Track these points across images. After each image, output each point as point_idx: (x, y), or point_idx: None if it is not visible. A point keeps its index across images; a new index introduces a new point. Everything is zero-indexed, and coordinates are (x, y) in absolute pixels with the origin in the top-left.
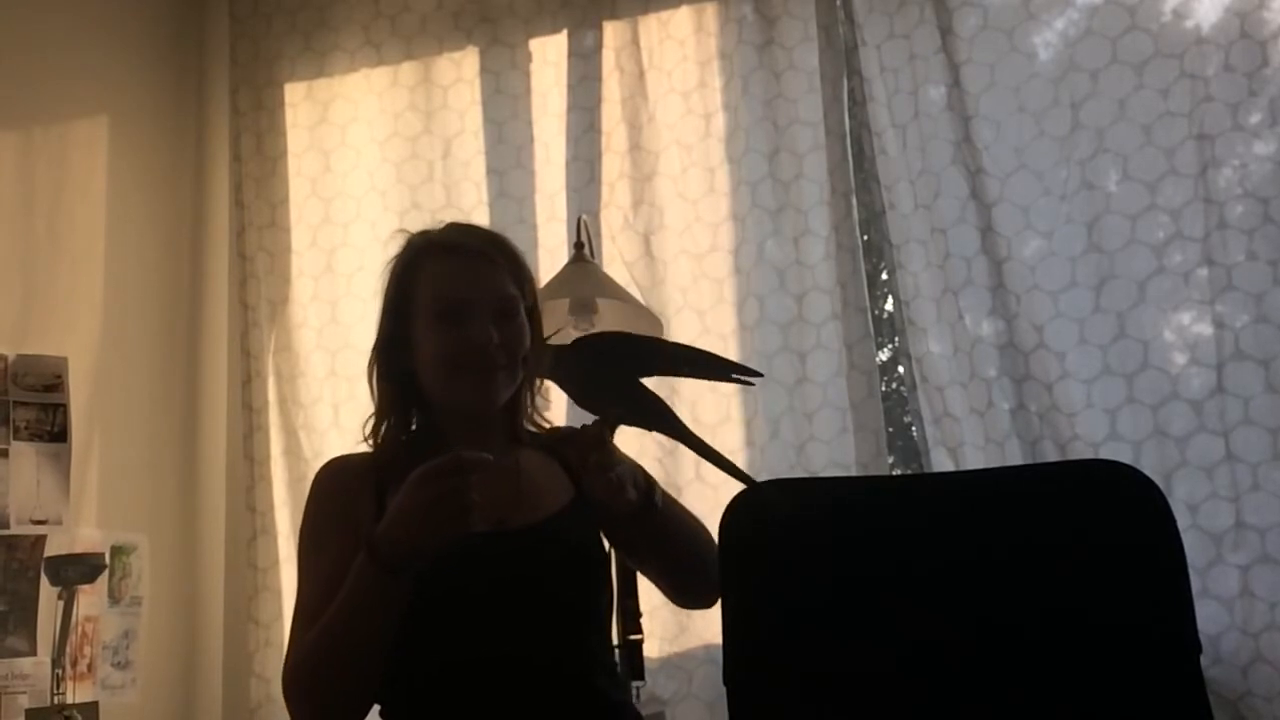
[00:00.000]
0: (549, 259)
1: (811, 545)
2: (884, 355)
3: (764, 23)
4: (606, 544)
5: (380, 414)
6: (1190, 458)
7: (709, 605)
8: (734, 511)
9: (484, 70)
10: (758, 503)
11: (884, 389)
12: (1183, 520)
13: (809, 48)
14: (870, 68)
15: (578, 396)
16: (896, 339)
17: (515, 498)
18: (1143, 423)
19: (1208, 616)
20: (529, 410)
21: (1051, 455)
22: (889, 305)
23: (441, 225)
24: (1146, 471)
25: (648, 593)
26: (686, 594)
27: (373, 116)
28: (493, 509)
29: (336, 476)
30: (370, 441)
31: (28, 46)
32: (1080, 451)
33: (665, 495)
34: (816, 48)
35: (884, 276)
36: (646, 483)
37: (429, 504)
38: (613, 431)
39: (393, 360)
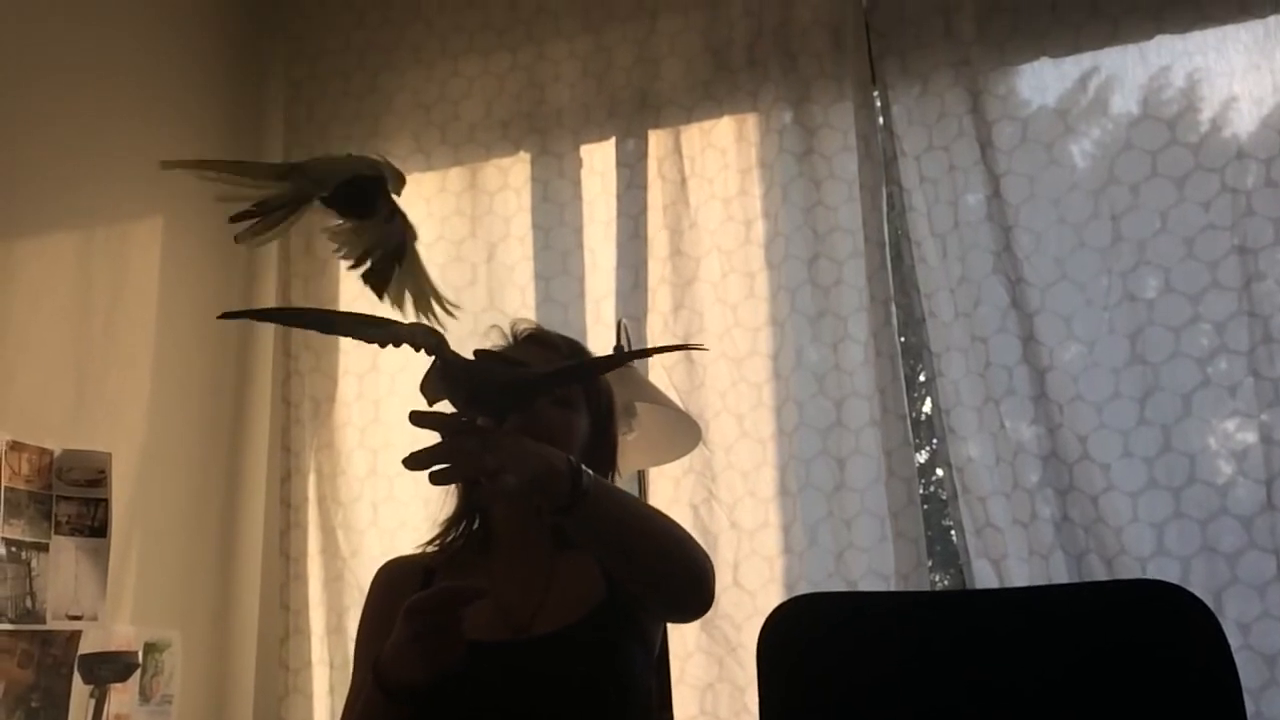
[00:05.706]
0: None
1: (850, 662)
2: (922, 457)
3: (804, 132)
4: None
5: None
6: (1241, 575)
7: (687, 608)
8: (773, 625)
9: (533, 179)
10: (797, 617)
11: (921, 491)
12: (1234, 640)
13: (848, 157)
14: (909, 178)
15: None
16: (935, 441)
17: (538, 605)
18: (1191, 538)
19: None
20: None
21: (1098, 569)
22: (927, 407)
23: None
24: (1196, 589)
25: (683, 704)
26: (651, 590)
27: (419, 219)
28: (514, 616)
29: (387, 579)
30: (438, 540)
31: (88, 150)
32: (1127, 566)
33: (608, 487)
34: (856, 157)
35: (921, 379)
36: (571, 470)
37: (416, 637)
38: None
39: None
